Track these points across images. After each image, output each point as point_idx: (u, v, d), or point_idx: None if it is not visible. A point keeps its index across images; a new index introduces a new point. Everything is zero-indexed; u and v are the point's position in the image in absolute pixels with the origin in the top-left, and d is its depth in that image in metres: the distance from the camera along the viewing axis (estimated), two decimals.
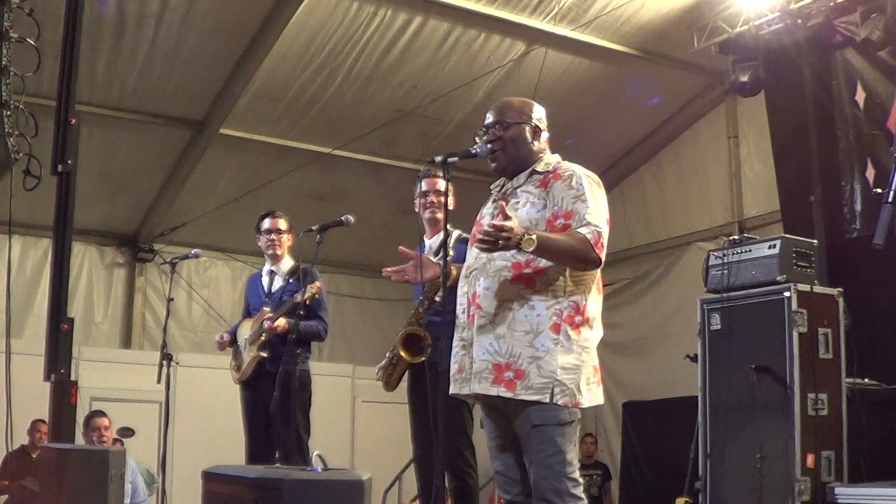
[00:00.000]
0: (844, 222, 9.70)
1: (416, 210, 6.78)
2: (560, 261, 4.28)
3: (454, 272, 4.88)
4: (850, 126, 9.76)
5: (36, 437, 10.44)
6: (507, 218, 4.13)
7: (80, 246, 12.85)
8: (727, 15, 10.76)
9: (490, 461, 4.61)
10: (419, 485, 7.03)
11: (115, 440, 10.98)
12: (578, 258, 4.26)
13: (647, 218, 13.82)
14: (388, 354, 6.88)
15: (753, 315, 7.67)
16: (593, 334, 4.40)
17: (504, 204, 4.32)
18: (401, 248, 5.02)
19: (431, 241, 6.64)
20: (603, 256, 4.29)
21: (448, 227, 6.65)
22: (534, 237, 4.09)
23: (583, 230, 4.25)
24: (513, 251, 4.25)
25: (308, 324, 7.38)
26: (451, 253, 5.75)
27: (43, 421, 9.93)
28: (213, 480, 4.15)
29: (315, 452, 3.86)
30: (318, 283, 7.41)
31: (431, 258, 5.58)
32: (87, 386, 10.61)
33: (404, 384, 6.91)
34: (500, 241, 4.08)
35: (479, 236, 4.16)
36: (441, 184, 6.50)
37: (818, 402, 7.25)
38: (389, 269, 5.28)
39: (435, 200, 6.60)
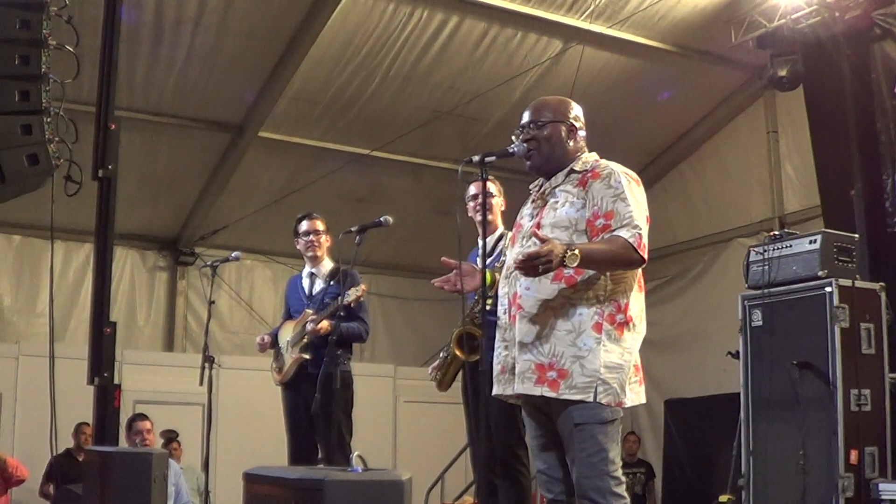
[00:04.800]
0: (886, 216, 9.62)
1: (469, 214, 6.75)
2: (604, 269, 4.28)
3: (498, 277, 4.86)
4: (891, 119, 9.68)
5: (81, 439, 10.53)
6: (542, 241, 4.13)
7: (121, 250, 12.98)
8: (764, 9, 10.72)
9: (532, 460, 4.60)
10: (476, 484, 7.02)
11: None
12: (622, 263, 4.26)
13: (687, 214, 13.78)
14: (441, 354, 6.88)
15: (795, 311, 7.62)
16: (636, 334, 4.39)
17: (538, 230, 4.30)
18: (443, 258, 4.98)
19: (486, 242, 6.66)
20: (646, 255, 4.28)
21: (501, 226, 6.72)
22: (577, 252, 4.07)
23: (623, 232, 4.24)
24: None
25: (349, 325, 7.38)
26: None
27: (87, 423, 10.01)
28: (255, 482, 4.16)
29: (355, 453, 3.85)
30: (363, 286, 7.43)
31: (475, 264, 5.52)
32: (131, 389, 10.68)
33: (457, 384, 6.90)
34: (542, 268, 4.07)
35: (518, 265, 4.15)
36: (490, 186, 6.50)
37: (861, 397, 7.20)
38: (438, 280, 5.16)
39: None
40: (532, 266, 4.07)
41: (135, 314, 13.42)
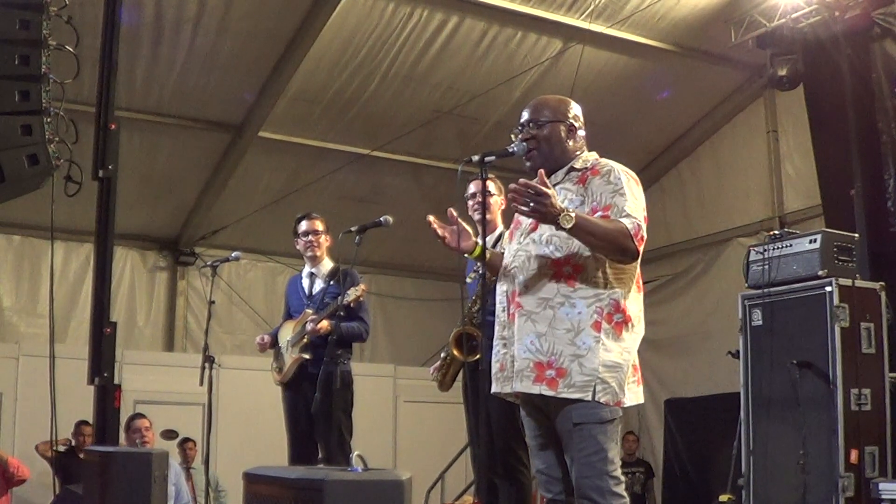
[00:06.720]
0: (888, 216, 9.63)
1: (469, 213, 6.74)
2: (597, 244, 4.22)
3: (490, 255, 4.81)
4: (891, 118, 9.69)
5: (80, 439, 10.52)
6: (546, 187, 4.11)
7: (122, 250, 12.98)
8: (764, 8, 10.73)
9: (531, 459, 4.59)
10: (476, 483, 7.01)
11: None
12: (616, 245, 4.21)
13: (687, 214, 13.77)
14: (441, 355, 6.89)
15: (795, 310, 7.62)
16: (634, 334, 4.39)
17: (543, 172, 4.28)
18: (450, 210, 4.84)
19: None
20: (641, 249, 4.26)
21: (500, 226, 6.72)
22: (572, 214, 4.06)
23: (623, 220, 4.22)
24: (552, 249, 4.28)
25: (349, 325, 7.39)
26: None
27: (86, 422, 10.03)
28: (255, 481, 4.16)
29: (355, 452, 3.85)
30: (362, 286, 7.42)
31: (475, 264, 5.47)
32: (131, 389, 10.68)
33: (458, 384, 6.91)
34: (533, 204, 4.07)
35: (514, 190, 4.12)
36: (490, 185, 6.49)
37: (861, 396, 7.20)
38: (435, 222, 4.83)
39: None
40: (525, 197, 4.08)
41: (135, 314, 13.41)
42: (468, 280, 6.62)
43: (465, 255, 4.77)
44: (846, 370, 7.20)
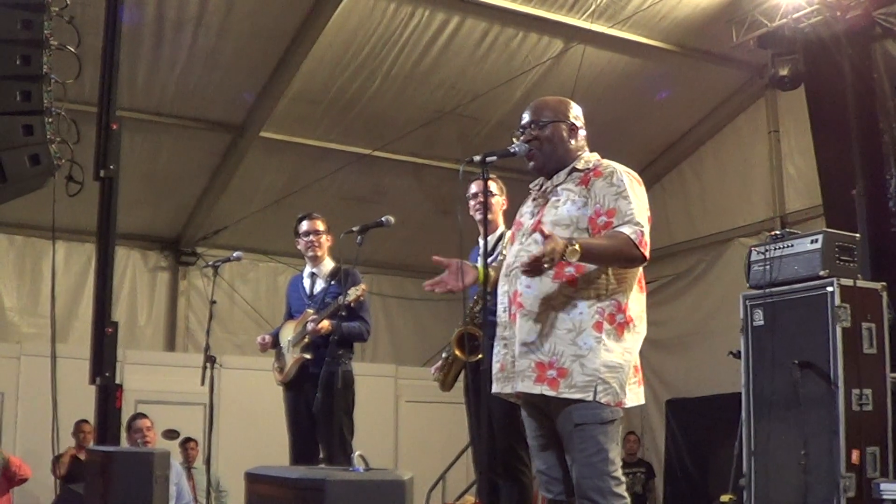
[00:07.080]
0: (889, 216, 9.62)
1: (470, 213, 6.76)
2: (606, 263, 4.27)
3: (493, 274, 4.83)
4: (893, 118, 9.68)
5: (80, 437, 10.53)
6: (546, 237, 4.12)
7: (123, 250, 12.96)
8: (766, 8, 10.73)
9: (531, 459, 4.58)
10: (477, 483, 7.01)
11: None
12: (623, 258, 4.25)
13: (689, 214, 13.77)
14: (443, 355, 6.89)
15: (796, 310, 7.62)
16: (636, 334, 4.39)
17: (542, 227, 4.29)
18: (435, 257, 4.87)
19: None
20: (647, 253, 4.27)
21: (501, 226, 6.73)
22: (577, 247, 4.06)
23: (625, 229, 4.23)
24: None
25: (351, 325, 7.38)
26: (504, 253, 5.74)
27: (86, 421, 10.04)
28: (256, 481, 4.16)
29: (357, 452, 3.86)
30: (363, 286, 7.41)
31: (475, 264, 5.45)
32: (132, 389, 10.68)
33: (459, 384, 6.91)
34: (546, 266, 4.09)
35: (525, 272, 4.16)
36: (491, 185, 6.50)
37: (862, 397, 7.19)
38: (429, 282, 4.87)
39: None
40: (536, 267, 4.08)
41: (136, 314, 13.42)
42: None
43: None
44: (847, 370, 7.20)
